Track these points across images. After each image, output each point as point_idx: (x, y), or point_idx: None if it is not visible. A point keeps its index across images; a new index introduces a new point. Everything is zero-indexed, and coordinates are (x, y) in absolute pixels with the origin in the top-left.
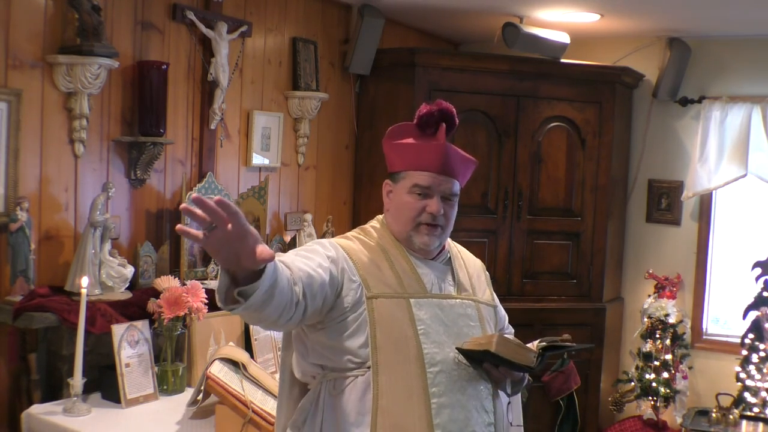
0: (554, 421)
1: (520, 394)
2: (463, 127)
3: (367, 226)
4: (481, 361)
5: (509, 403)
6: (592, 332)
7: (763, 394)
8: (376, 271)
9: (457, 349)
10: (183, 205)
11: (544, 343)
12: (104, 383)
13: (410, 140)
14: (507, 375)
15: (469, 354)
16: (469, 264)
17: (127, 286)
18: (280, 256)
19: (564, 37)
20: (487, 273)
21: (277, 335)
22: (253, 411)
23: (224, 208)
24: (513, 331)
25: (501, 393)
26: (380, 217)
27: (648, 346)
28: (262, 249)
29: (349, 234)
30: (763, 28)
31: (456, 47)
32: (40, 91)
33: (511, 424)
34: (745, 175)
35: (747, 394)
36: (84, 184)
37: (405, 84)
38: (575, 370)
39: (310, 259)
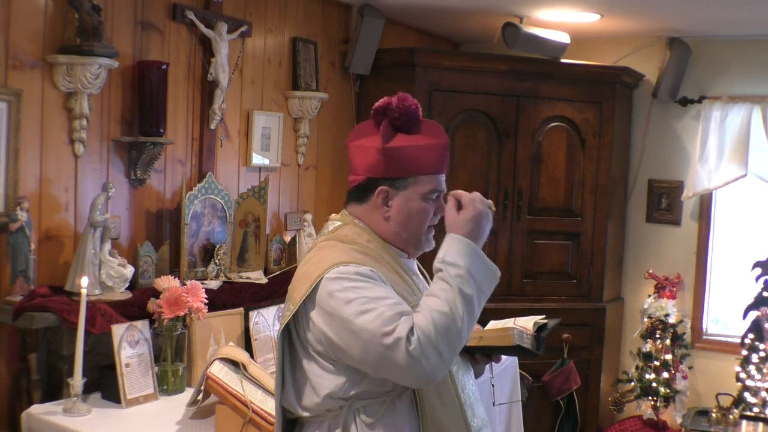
0: (554, 421)
1: (520, 384)
2: (463, 127)
3: (341, 232)
4: (477, 352)
5: (493, 386)
6: (592, 332)
7: (763, 394)
8: (393, 281)
9: (483, 346)
10: None
11: (522, 323)
12: (104, 383)
13: (413, 142)
14: (495, 360)
15: (486, 349)
16: None
17: (127, 286)
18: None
19: (564, 37)
20: None
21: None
22: (253, 411)
23: None
24: None
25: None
26: (344, 218)
27: (648, 346)
28: None
29: (339, 245)
30: (763, 28)
31: (456, 47)
32: (40, 91)
33: (494, 404)
34: (745, 175)
35: (747, 394)
36: (84, 184)
37: (405, 84)
38: (575, 370)
39: (401, 302)
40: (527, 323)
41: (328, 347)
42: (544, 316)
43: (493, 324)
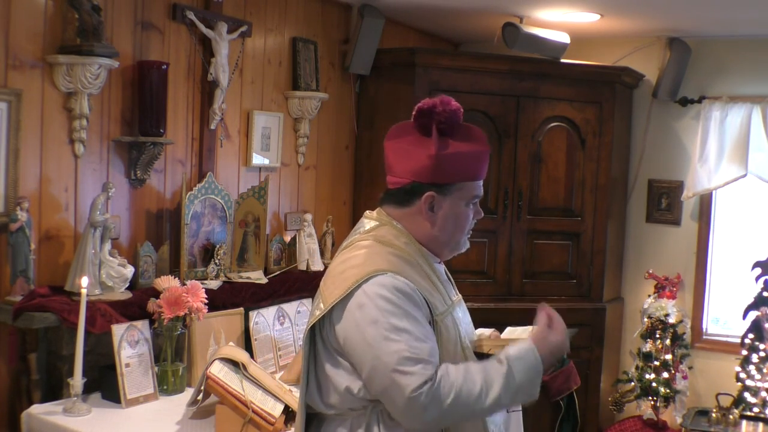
0: (554, 421)
1: None
2: None
3: (379, 232)
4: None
5: None
6: (592, 332)
7: (763, 394)
8: (428, 289)
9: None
10: None
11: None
12: (104, 383)
13: (463, 149)
14: None
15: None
16: None
17: (127, 286)
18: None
19: (564, 37)
20: None
21: (277, 335)
22: (253, 411)
23: None
24: None
25: None
26: (382, 218)
27: (648, 346)
28: None
29: (376, 246)
30: (763, 28)
31: (456, 47)
32: (40, 91)
33: (507, 411)
34: (745, 175)
35: (747, 394)
36: (84, 184)
37: (405, 84)
38: (575, 370)
39: (427, 338)
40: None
41: (343, 350)
42: None
43: (510, 331)
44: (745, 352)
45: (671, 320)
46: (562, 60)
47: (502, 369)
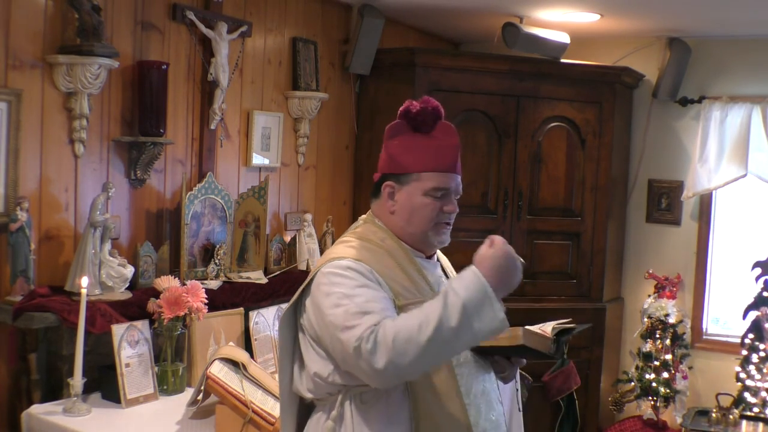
0: (554, 421)
1: (520, 382)
2: (463, 127)
3: (361, 229)
4: (492, 354)
5: (518, 390)
6: (592, 332)
7: (763, 394)
8: (396, 278)
9: (487, 347)
10: None
11: (549, 328)
12: (104, 383)
13: (420, 140)
14: (517, 364)
15: (494, 350)
16: (443, 258)
17: (127, 286)
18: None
19: (564, 37)
20: None
21: (277, 335)
22: (253, 411)
23: None
24: None
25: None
26: (367, 217)
27: (648, 346)
28: None
29: (351, 241)
30: (763, 28)
31: (456, 47)
32: (40, 91)
33: (519, 410)
34: (745, 175)
35: (747, 394)
36: (84, 184)
37: (405, 84)
38: (575, 370)
39: (383, 301)
40: (548, 327)
41: (317, 335)
42: (569, 320)
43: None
44: (745, 352)
45: (671, 320)
46: (562, 60)
47: (439, 295)
